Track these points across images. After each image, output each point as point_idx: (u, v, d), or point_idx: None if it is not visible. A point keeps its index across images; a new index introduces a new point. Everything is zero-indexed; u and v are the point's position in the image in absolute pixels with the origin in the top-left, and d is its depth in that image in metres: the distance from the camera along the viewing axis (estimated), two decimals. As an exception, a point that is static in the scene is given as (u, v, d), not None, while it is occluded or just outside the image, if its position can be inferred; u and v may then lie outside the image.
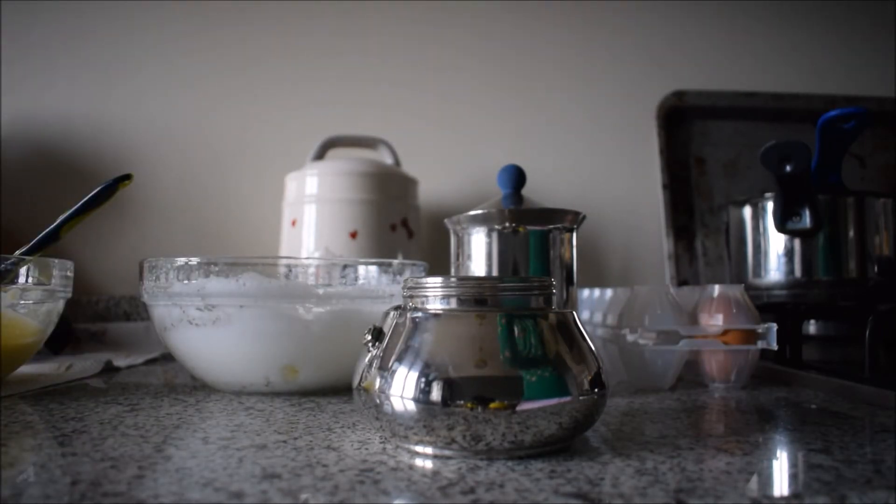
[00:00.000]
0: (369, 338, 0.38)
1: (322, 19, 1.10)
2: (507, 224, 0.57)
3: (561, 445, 0.36)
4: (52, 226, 0.59)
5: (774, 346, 0.58)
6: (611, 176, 1.12)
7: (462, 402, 0.33)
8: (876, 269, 0.80)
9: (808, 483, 0.31)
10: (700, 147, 1.12)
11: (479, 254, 0.59)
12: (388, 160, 0.98)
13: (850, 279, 0.79)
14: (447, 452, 0.34)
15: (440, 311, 0.37)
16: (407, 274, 0.59)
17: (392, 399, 0.34)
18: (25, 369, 0.64)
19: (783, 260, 0.81)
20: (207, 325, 0.53)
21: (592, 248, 1.10)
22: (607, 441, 0.39)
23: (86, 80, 1.05)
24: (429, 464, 0.33)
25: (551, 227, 0.58)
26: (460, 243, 0.60)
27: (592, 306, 0.81)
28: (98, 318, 0.99)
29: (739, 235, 0.87)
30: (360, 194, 0.90)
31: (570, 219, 0.59)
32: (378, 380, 0.35)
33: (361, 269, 0.57)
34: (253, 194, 1.06)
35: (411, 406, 0.34)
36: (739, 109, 1.13)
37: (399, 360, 0.35)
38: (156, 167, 1.05)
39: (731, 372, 0.61)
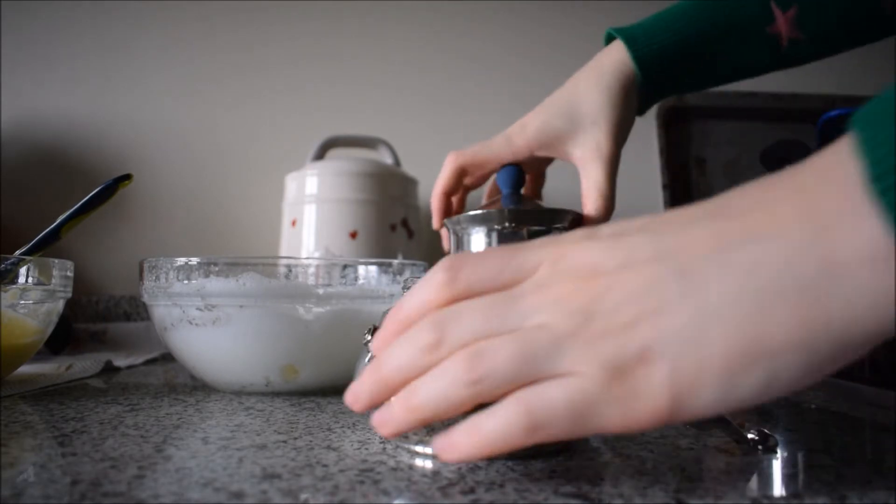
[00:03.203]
0: (369, 338, 0.38)
1: (322, 20, 1.10)
2: (506, 224, 0.57)
3: (561, 445, 0.36)
4: (52, 226, 0.59)
5: (774, 346, 0.58)
6: (611, 176, 1.12)
7: (462, 402, 0.33)
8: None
9: (808, 483, 0.31)
10: (700, 147, 1.12)
11: (479, 254, 0.58)
12: (388, 160, 0.98)
13: (850, 279, 0.79)
14: (447, 452, 0.34)
15: (440, 311, 0.36)
16: (407, 274, 0.59)
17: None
18: (25, 369, 0.64)
19: (783, 260, 0.81)
20: (207, 325, 0.53)
21: (592, 248, 1.10)
22: (607, 441, 0.39)
23: (86, 80, 1.05)
24: (429, 464, 0.33)
25: (551, 227, 0.58)
26: (460, 243, 0.60)
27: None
28: (98, 318, 0.99)
29: (739, 235, 0.87)
30: (360, 194, 0.90)
31: (571, 219, 0.59)
32: (378, 380, 0.35)
33: (361, 269, 0.57)
34: (253, 194, 1.06)
35: (411, 406, 0.34)
36: (739, 109, 1.13)
37: (399, 360, 0.35)
38: (156, 167, 1.05)
39: (731, 372, 0.61)
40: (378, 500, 0.27)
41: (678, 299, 0.24)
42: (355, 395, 0.29)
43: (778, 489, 0.31)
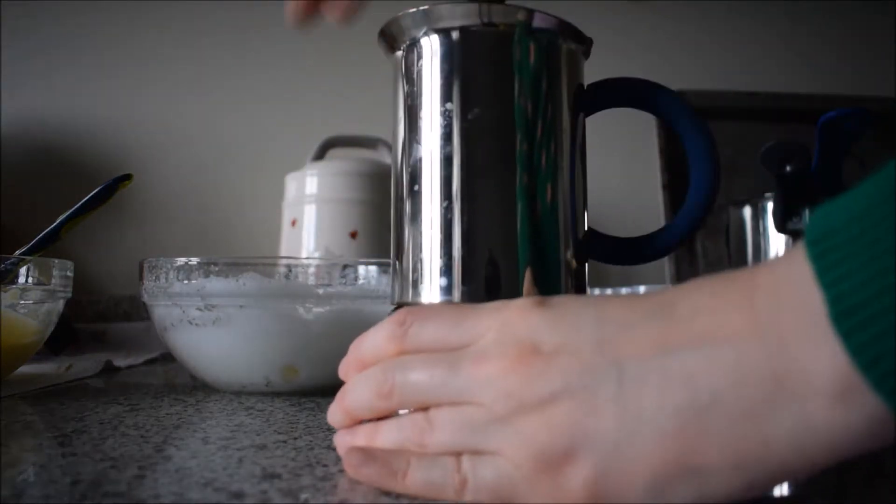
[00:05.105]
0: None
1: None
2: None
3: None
4: (52, 226, 0.59)
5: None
6: (611, 176, 1.12)
7: (462, 402, 0.33)
8: (876, 269, 0.80)
9: (809, 483, 0.31)
10: (700, 147, 1.12)
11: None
12: (388, 160, 0.98)
13: (850, 279, 0.79)
14: (447, 452, 0.34)
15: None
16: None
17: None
18: (25, 369, 0.64)
19: (783, 260, 0.81)
20: (207, 325, 0.53)
21: (592, 248, 1.10)
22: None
23: (86, 80, 1.05)
24: (429, 464, 0.33)
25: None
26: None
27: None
28: (98, 318, 0.99)
29: (739, 235, 0.87)
30: (360, 194, 0.90)
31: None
32: (378, 380, 0.35)
33: (361, 269, 0.57)
34: (253, 194, 1.06)
35: (411, 406, 0.33)
36: (739, 109, 1.13)
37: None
38: (156, 167, 1.05)
39: (731, 372, 0.61)
40: (378, 501, 0.27)
41: (610, 401, 0.23)
42: (331, 416, 0.32)
43: (778, 489, 0.31)
